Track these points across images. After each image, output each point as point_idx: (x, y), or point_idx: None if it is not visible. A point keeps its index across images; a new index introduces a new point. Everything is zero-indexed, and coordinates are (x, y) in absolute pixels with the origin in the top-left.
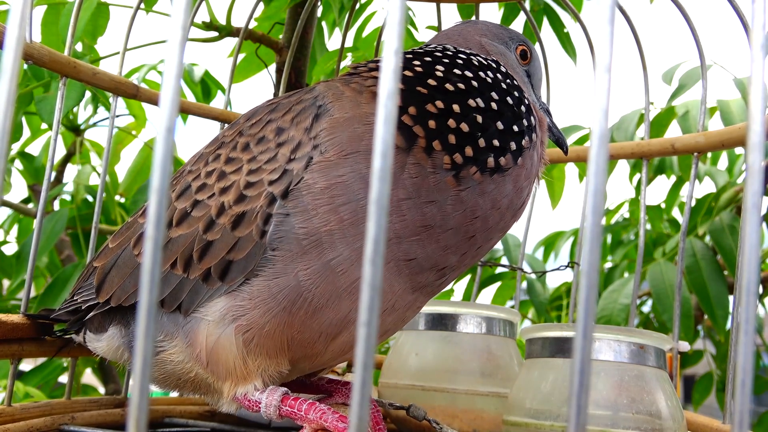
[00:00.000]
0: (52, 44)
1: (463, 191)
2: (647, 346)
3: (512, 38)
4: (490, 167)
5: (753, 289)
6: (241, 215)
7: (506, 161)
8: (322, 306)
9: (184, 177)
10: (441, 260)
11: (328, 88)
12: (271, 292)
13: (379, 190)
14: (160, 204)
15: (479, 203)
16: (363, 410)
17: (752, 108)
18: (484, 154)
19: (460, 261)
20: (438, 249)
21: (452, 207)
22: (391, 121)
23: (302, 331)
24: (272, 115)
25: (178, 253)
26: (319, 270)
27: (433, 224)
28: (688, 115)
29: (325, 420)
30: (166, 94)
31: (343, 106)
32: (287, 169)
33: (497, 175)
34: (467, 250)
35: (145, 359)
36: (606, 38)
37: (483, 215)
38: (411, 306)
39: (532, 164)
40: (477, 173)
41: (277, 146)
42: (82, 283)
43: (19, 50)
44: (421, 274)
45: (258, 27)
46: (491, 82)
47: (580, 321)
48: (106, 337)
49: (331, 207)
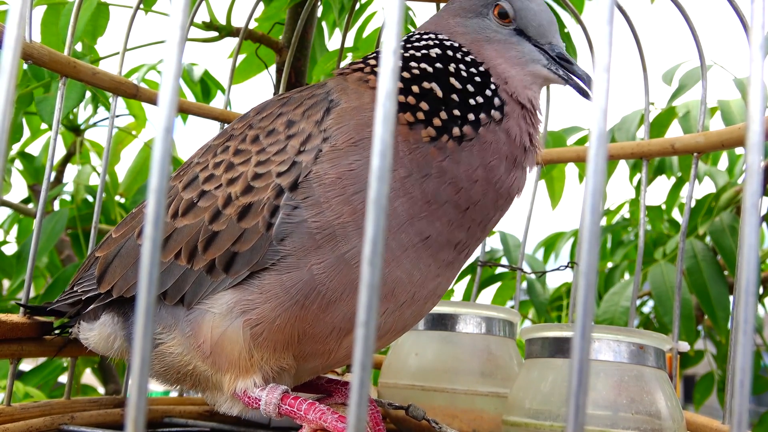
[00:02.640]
0: (52, 44)
1: (444, 161)
2: (647, 347)
3: (487, 4)
4: (456, 135)
5: (752, 289)
6: (248, 206)
7: (468, 130)
8: (336, 299)
9: (192, 168)
10: (452, 236)
11: (337, 83)
12: (284, 287)
13: (378, 189)
14: (159, 204)
15: (456, 174)
16: (361, 410)
17: (751, 108)
18: (450, 124)
19: (468, 236)
20: (445, 224)
21: (438, 179)
22: (390, 121)
23: (314, 326)
24: (283, 108)
25: (183, 243)
26: (333, 263)
27: (431, 199)
28: (689, 116)
29: (324, 420)
30: (164, 94)
31: (348, 98)
32: (296, 161)
33: (464, 143)
34: (470, 224)
35: (143, 359)
36: (605, 38)
37: (465, 189)
38: (430, 297)
39: (500, 141)
40: (450, 141)
41: (287, 138)
42: (83, 273)
43: (18, 50)
44: (441, 251)
45: (258, 27)
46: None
47: (578, 320)
48: (98, 324)
49: (344, 197)
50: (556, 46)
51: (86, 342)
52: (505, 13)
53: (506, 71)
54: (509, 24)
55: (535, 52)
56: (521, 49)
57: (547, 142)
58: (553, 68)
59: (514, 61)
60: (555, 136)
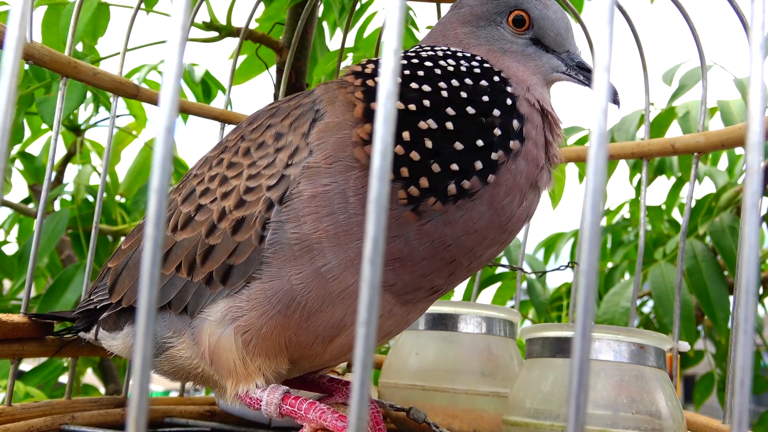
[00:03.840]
0: (53, 44)
1: (426, 224)
2: (647, 346)
3: (500, 11)
4: (452, 194)
5: (752, 289)
6: (241, 220)
7: (471, 184)
8: (316, 310)
9: (190, 181)
10: (424, 284)
11: (325, 92)
12: (266, 295)
13: (379, 189)
14: (160, 204)
15: (447, 233)
16: (362, 409)
17: (752, 108)
18: (442, 181)
19: (448, 280)
20: (416, 277)
21: (418, 241)
22: (390, 121)
23: (299, 334)
24: (272, 120)
25: (183, 256)
26: (311, 275)
27: (401, 257)
28: (689, 116)
29: (324, 419)
30: (165, 94)
31: (335, 111)
32: (285, 175)
33: (463, 201)
34: (453, 271)
35: (144, 359)
36: (605, 38)
37: (456, 243)
38: (412, 310)
39: (517, 174)
40: (437, 203)
41: (276, 151)
42: (98, 283)
43: (19, 50)
44: (408, 294)
45: (258, 27)
46: (447, 95)
47: (579, 319)
48: (122, 335)
49: (317, 216)
50: (575, 54)
51: (109, 348)
52: (521, 22)
53: (527, 78)
54: (525, 33)
55: (554, 60)
56: (539, 59)
57: None
58: (572, 73)
59: (534, 71)
60: None
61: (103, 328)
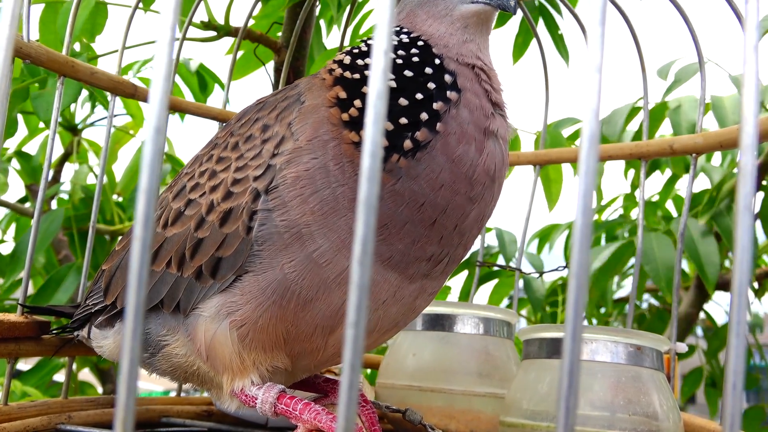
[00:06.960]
0: (50, 43)
1: (396, 184)
2: (644, 348)
3: None
4: (408, 149)
5: (744, 291)
6: (228, 212)
7: (422, 134)
8: (311, 298)
9: (181, 179)
10: (420, 252)
11: (307, 82)
12: (260, 287)
13: (368, 190)
14: (149, 204)
15: (415, 189)
16: (350, 412)
17: (745, 108)
18: (399, 138)
19: (442, 247)
20: (408, 244)
21: (394, 203)
22: (380, 121)
23: (296, 325)
24: (259, 113)
25: (173, 251)
26: (303, 262)
27: (387, 223)
28: (680, 110)
29: (318, 420)
30: (155, 94)
31: (312, 95)
32: (271, 165)
33: (421, 153)
34: (441, 235)
35: (132, 360)
36: (597, 39)
37: (429, 200)
38: (419, 294)
39: (462, 122)
40: (401, 159)
41: (263, 143)
42: (93, 285)
43: (10, 49)
44: (410, 267)
45: (256, 26)
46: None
47: (568, 321)
48: (113, 332)
49: (303, 198)
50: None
51: (100, 350)
52: None
53: (442, 34)
54: None
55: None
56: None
57: (546, 141)
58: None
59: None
60: (553, 135)
61: (96, 326)
